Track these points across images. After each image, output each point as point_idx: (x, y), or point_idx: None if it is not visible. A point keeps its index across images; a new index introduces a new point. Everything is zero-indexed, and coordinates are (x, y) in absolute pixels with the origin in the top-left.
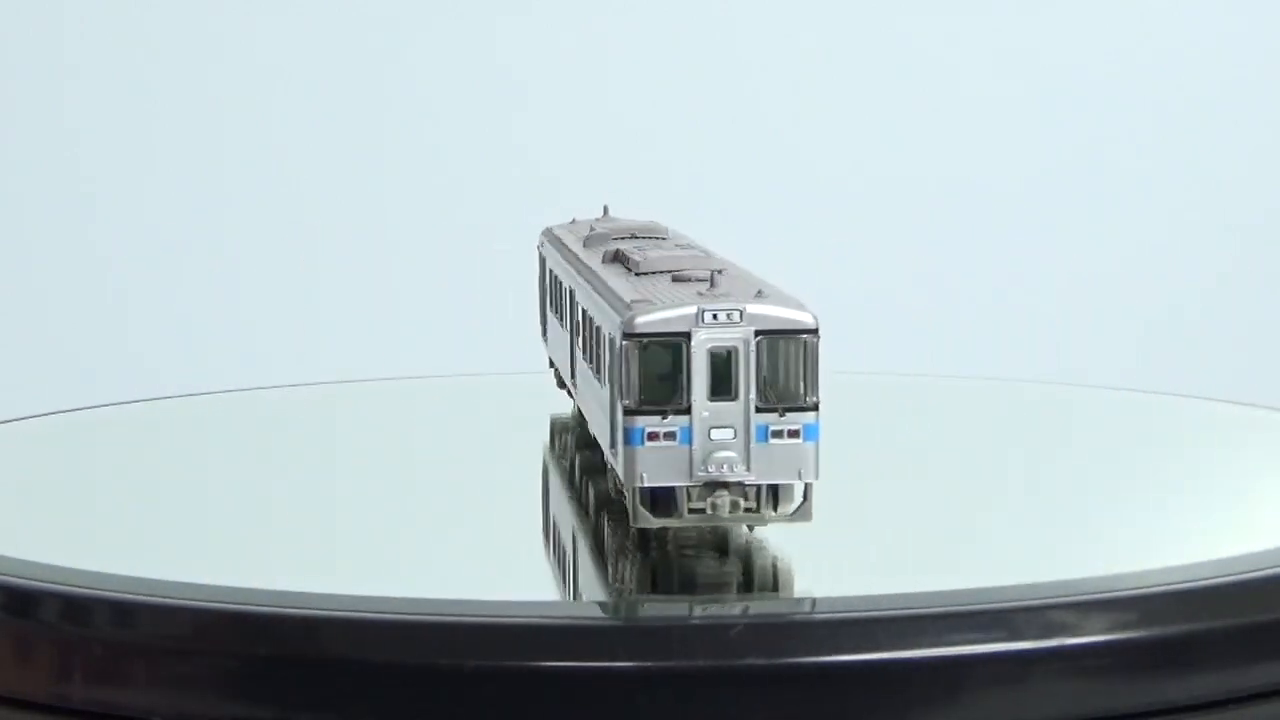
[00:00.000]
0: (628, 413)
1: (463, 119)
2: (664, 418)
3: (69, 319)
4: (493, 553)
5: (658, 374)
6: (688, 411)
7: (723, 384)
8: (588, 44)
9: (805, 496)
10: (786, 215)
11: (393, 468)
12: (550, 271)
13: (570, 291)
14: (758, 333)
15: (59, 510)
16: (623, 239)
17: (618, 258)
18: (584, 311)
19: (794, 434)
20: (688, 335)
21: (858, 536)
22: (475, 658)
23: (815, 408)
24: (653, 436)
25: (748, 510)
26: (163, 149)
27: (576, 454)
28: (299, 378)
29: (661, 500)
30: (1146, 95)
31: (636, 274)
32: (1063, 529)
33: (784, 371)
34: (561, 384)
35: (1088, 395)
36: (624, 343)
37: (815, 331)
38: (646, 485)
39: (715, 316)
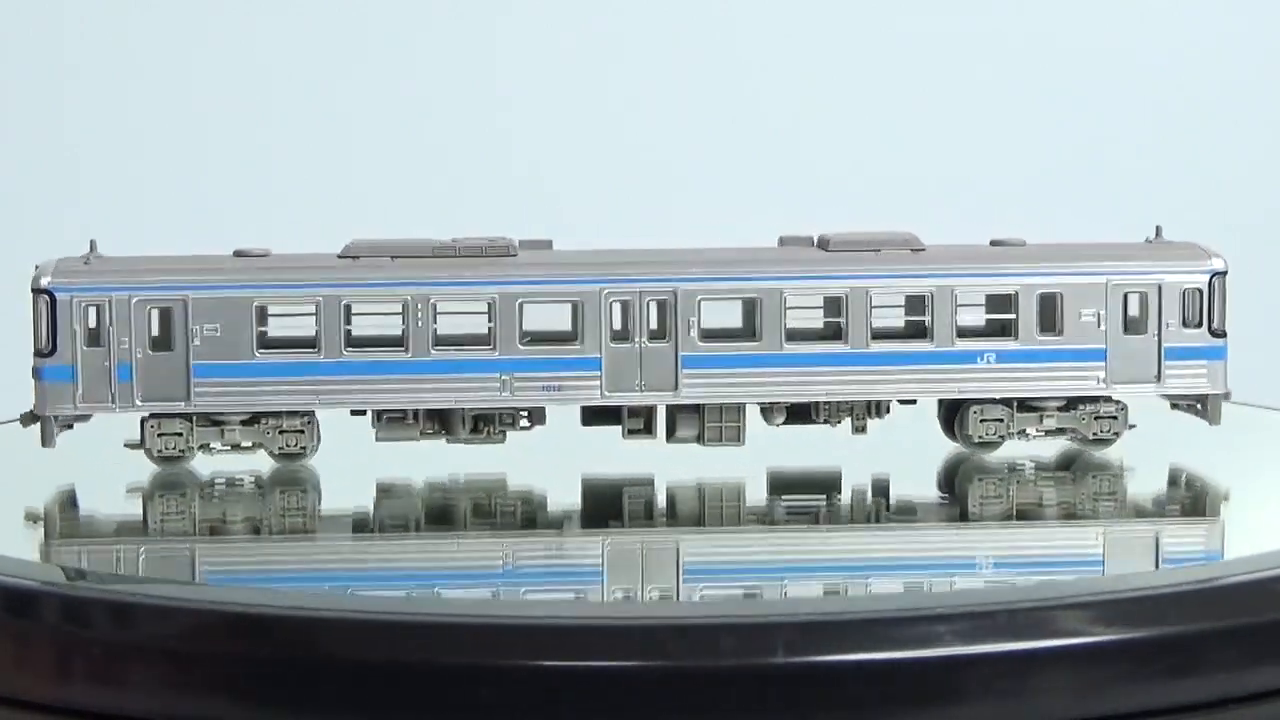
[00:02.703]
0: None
1: (463, 119)
2: None
3: None
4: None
5: None
6: None
7: None
8: (588, 44)
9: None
10: (786, 215)
11: (391, 468)
12: None
13: None
14: None
15: (59, 510)
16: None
17: None
18: None
19: None
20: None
21: (858, 536)
22: (475, 658)
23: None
24: None
25: None
26: (162, 149)
27: None
28: None
29: None
30: (1146, 95)
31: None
32: (1063, 529)
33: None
34: None
35: None
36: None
37: None
38: None
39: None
